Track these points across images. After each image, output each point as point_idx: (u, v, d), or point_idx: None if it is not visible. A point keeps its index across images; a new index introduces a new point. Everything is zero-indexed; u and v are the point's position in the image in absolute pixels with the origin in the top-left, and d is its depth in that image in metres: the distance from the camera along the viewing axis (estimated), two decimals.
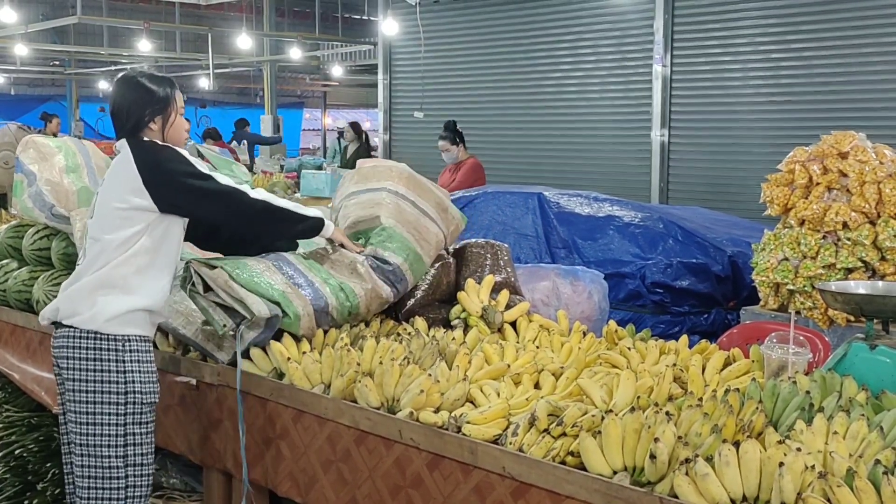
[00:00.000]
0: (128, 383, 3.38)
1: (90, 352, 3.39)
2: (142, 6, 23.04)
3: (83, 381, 3.39)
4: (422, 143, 12.10)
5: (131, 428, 3.40)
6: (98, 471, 3.40)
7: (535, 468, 2.68)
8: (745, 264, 5.49)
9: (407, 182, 4.29)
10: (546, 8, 11.45)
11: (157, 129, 3.56)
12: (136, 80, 3.58)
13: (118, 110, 3.55)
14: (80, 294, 3.46)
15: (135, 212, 3.42)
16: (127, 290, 3.42)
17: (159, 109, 3.55)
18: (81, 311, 3.41)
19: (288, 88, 30.84)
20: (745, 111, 9.71)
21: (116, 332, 3.39)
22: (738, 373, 3.25)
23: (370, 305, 3.88)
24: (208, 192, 3.49)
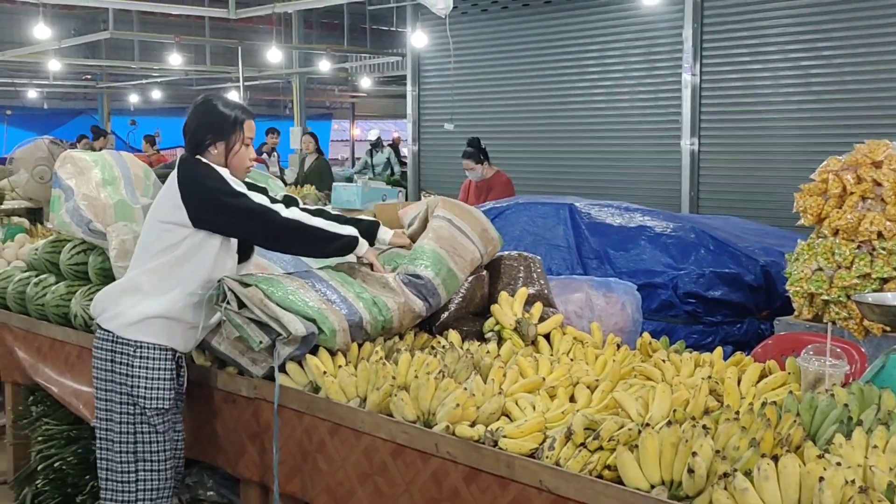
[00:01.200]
0: (133, 387, 3.61)
1: (107, 352, 3.66)
2: (172, 20, 23.23)
3: (99, 379, 3.70)
4: (451, 154, 12.11)
5: (140, 427, 3.63)
6: (111, 463, 3.67)
7: (573, 482, 2.69)
8: (777, 274, 5.46)
9: (444, 203, 4.31)
10: (574, 18, 11.46)
11: (217, 154, 3.71)
12: (209, 104, 3.75)
13: (186, 129, 3.75)
14: (110, 293, 3.75)
15: (173, 225, 3.62)
16: (148, 296, 3.63)
17: (221, 136, 3.70)
18: (107, 310, 3.70)
19: (317, 100, 30.98)
20: (775, 119, 9.66)
21: (130, 337, 3.61)
22: (775, 385, 3.24)
23: (403, 319, 3.90)
24: (240, 210, 3.59)
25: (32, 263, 5.27)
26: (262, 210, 3.62)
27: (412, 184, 13.51)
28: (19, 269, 5.46)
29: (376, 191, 10.13)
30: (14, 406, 5.39)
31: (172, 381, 3.69)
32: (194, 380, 4.01)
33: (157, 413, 3.64)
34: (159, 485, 3.69)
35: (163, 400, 3.64)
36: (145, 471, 3.65)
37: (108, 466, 3.69)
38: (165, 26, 22.36)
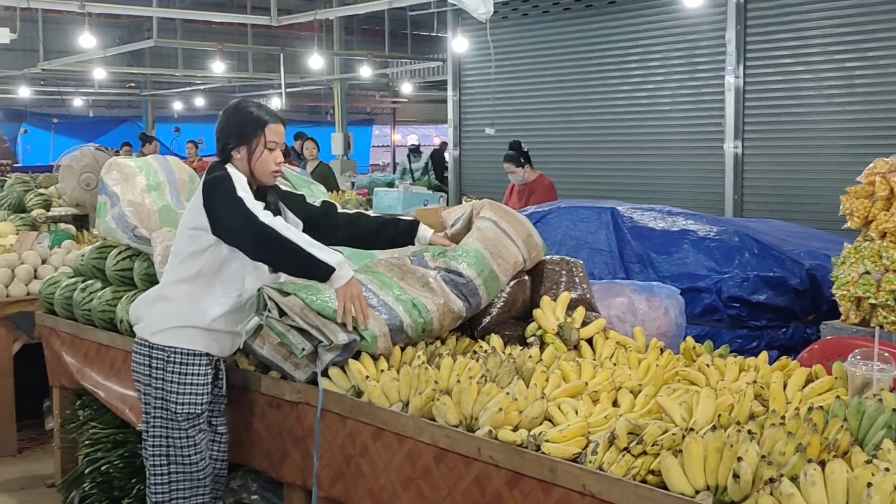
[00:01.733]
0: (166, 392, 3.71)
1: (144, 358, 3.76)
2: (215, 28, 23.45)
3: (139, 383, 3.81)
4: (492, 159, 12.11)
5: (171, 431, 3.73)
6: (148, 463, 3.80)
7: (616, 487, 2.67)
8: (823, 277, 5.39)
9: (491, 206, 4.31)
10: (615, 21, 11.42)
11: (240, 159, 3.71)
12: (233, 109, 3.77)
13: (216, 132, 3.76)
14: (144, 301, 3.87)
15: (198, 231, 3.66)
16: (179, 304, 3.71)
17: (243, 140, 3.69)
18: (142, 318, 3.82)
19: (358, 105, 31.13)
20: (819, 121, 9.55)
21: (163, 343, 3.70)
22: (821, 390, 3.21)
23: (443, 321, 3.90)
24: (230, 213, 3.55)
25: (79, 269, 5.34)
26: (245, 213, 3.52)
27: (453, 188, 13.52)
28: (66, 275, 5.54)
29: (417, 195, 10.16)
30: (62, 410, 5.47)
31: (206, 385, 3.76)
32: (238, 384, 4.05)
33: (188, 418, 3.72)
34: (192, 485, 3.79)
35: (194, 405, 3.71)
36: (178, 472, 3.77)
37: (147, 466, 3.83)
38: (208, 34, 22.57)
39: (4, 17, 10.92)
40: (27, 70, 19.46)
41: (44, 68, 17.64)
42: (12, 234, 7.54)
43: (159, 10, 16.11)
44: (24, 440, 6.50)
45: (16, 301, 6.26)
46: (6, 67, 20.88)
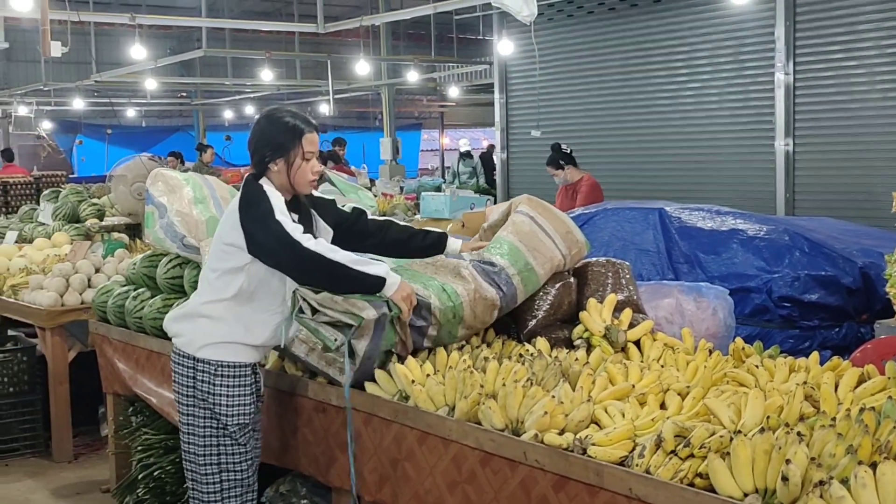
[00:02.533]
0: (215, 405, 3.67)
1: (187, 370, 3.72)
2: (263, 36, 23.69)
3: (181, 395, 3.75)
4: (540, 161, 12.06)
5: (223, 440, 3.71)
6: (196, 475, 3.75)
7: (663, 490, 2.65)
8: (877, 276, 5.29)
9: (529, 201, 4.30)
10: (660, 20, 11.33)
11: (278, 171, 3.68)
12: (266, 120, 3.74)
13: (249, 144, 3.72)
14: (183, 316, 3.81)
15: (233, 248, 3.62)
16: (223, 322, 3.66)
17: (280, 153, 3.65)
18: (183, 333, 3.75)
19: (405, 110, 31.24)
20: (872, 116, 9.39)
21: (210, 357, 3.66)
22: (874, 390, 3.14)
23: (475, 308, 3.87)
24: (269, 237, 3.52)
25: (131, 278, 5.42)
26: (288, 240, 3.50)
27: (501, 191, 13.50)
28: (119, 284, 5.62)
29: (464, 199, 10.12)
30: (115, 416, 5.55)
31: (254, 395, 3.75)
32: (286, 389, 4.08)
33: (239, 427, 3.71)
34: (244, 490, 3.78)
35: (244, 415, 3.71)
36: (230, 480, 3.74)
37: (193, 478, 3.77)
38: (256, 42, 22.83)
39: (57, 31, 11.09)
40: (80, 82, 19.80)
41: (97, 80, 17.92)
42: (67, 243, 7.67)
43: (208, 21, 16.32)
44: (80, 446, 6.60)
45: (70, 310, 6.36)
46: (60, 80, 21.27)
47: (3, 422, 6.47)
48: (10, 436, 6.51)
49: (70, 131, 28.42)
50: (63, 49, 9.91)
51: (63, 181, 12.78)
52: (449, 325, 3.82)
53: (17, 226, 8.77)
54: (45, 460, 6.44)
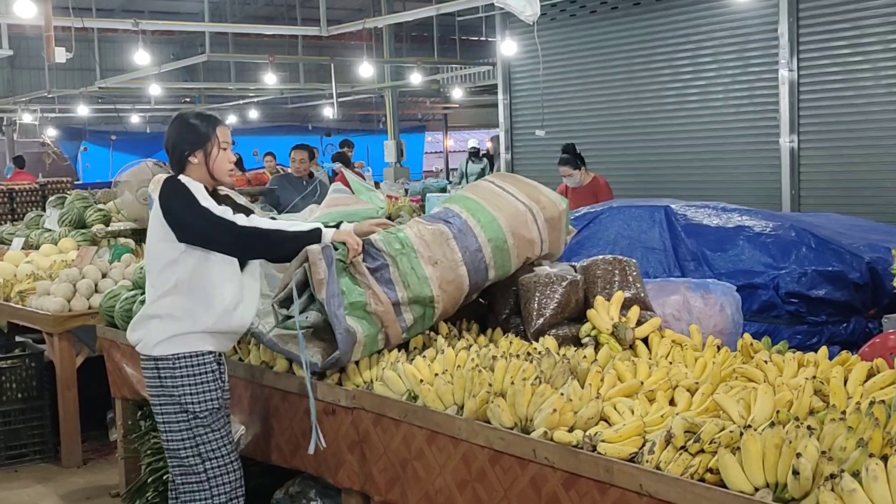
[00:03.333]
0: (182, 396, 3.81)
1: (151, 371, 3.87)
2: (266, 40, 23.73)
3: (152, 396, 3.92)
4: (543, 162, 12.09)
5: (197, 430, 3.84)
6: (182, 468, 3.90)
7: (674, 486, 2.64)
8: (885, 270, 5.28)
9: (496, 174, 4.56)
10: (664, 18, 11.32)
11: (198, 163, 3.90)
12: (181, 119, 3.98)
13: (166, 147, 3.98)
14: (137, 323, 3.96)
15: (165, 244, 3.82)
16: (173, 319, 3.81)
17: (198, 144, 3.88)
18: (141, 338, 3.90)
19: (409, 112, 31.25)
20: (877, 112, 9.37)
21: (167, 353, 3.81)
22: (883, 384, 3.13)
23: (423, 237, 3.97)
24: (204, 222, 3.76)
25: (138, 282, 5.42)
26: (222, 221, 3.76)
27: None
28: (125, 288, 5.62)
29: None
30: (124, 421, 5.55)
31: (217, 381, 3.89)
32: (295, 391, 4.08)
33: (210, 413, 3.85)
34: (230, 478, 3.91)
35: (211, 401, 3.85)
36: (214, 468, 3.87)
37: (181, 472, 3.90)
38: (259, 47, 22.84)
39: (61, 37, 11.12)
40: (84, 89, 19.84)
41: (101, 86, 17.96)
42: (73, 249, 7.68)
43: (211, 25, 16.34)
44: (89, 451, 6.61)
45: (77, 315, 6.37)
46: (64, 87, 21.32)
47: (11, 428, 6.47)
48: (19, 442, 6.51)
49: (75, 138, 28.45)
50: (67, 55, 9.93)
51: (68, 187, 12.80)
52: (394, 252, 3.91)
53: (24, 232, 8.79)
54: (54, 466, 6.45)
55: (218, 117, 4.01)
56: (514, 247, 4.15)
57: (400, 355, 3.91)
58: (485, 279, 4.13)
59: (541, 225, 4.26)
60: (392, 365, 3.78)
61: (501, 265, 4.14)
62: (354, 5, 22.42)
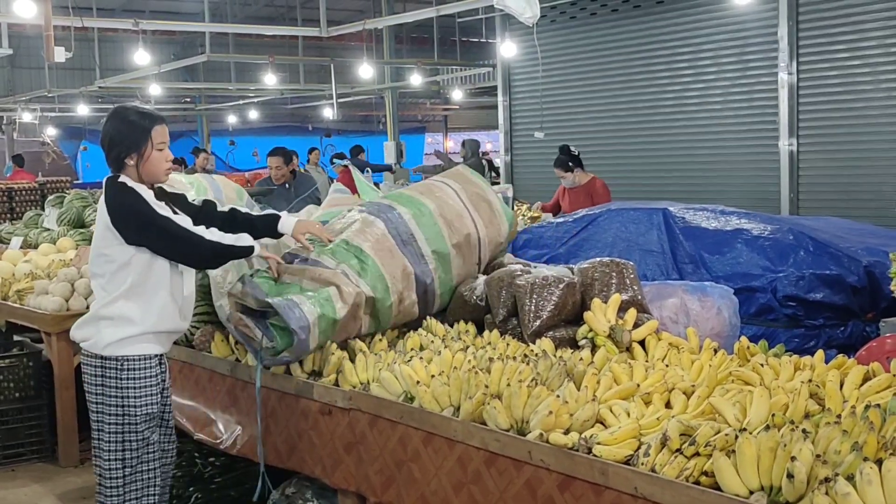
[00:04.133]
0: (123, 398, 3.82)
1: (95, 370, 3.86)
2: (266, 41, 23.74)
3: (91, 394, 3.90)
4: (543, 163, 12.09)
5: (128, 436, 3.84)
6: (101, 469, 3.90)
7: (669, 488, 2.65)
8: (882, 274, 5.27)
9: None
10: (664, 21, 11.33)
11: (133, 165, 3.86)
12: (118, 117, 3.92)
13: (102, 143, 3.93)
14: (88, 322, 3.92)
15: (114, 248, 3.81)
16: (124, 320, 3.82)
17: (133, 147, 3.84)
18: (89, 337, 3.88)
19: (409, 114, 31.27)
20: (876, 115, 9.38)
21: (115, 355, 3.82)
22: (879, 388, 3.14)
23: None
24: (164, 233, 3.80)
25: None
26: (184, 234, 3.83)
27: None
28: None
29: None
30: None
31: (160, 384, 3.93)
32: (291, 392, 4.08)
33: (146, 420, 3.86)
34: (144, 484, 3.91)
35: (151, 405, 3.87)
36: (132, 475, 3.87)
37: (100, 473, 3.91)
38: (260, 47, 22.87)
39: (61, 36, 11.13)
40: (84, 88, 19.85)
41: (101, 86, 17.97)
42: (72, 248, 7.68)
43: (212, 26, 16.34)
44: (87, 451, 6.57)
45: (76, 314, 6.33)
46: (64, 86, 21.32)
47: (9, 427, 6.47)
48: (17, 441, 6.51)
49: (74, 137, 28.45)
50: (67, 54, 9.93)
51: (67, 187, 12.79)
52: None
53: (22, 231, 8.79)
54: (51, 465, 6.44)
55: (156, 117, 3.95)
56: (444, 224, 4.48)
57: (397, 356, 3.92)
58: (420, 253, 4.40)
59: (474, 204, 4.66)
60: (389, 366, 3.78)
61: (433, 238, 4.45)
62: (355, 6, 22.42)
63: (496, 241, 4.69)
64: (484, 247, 4.61)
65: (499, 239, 4.71)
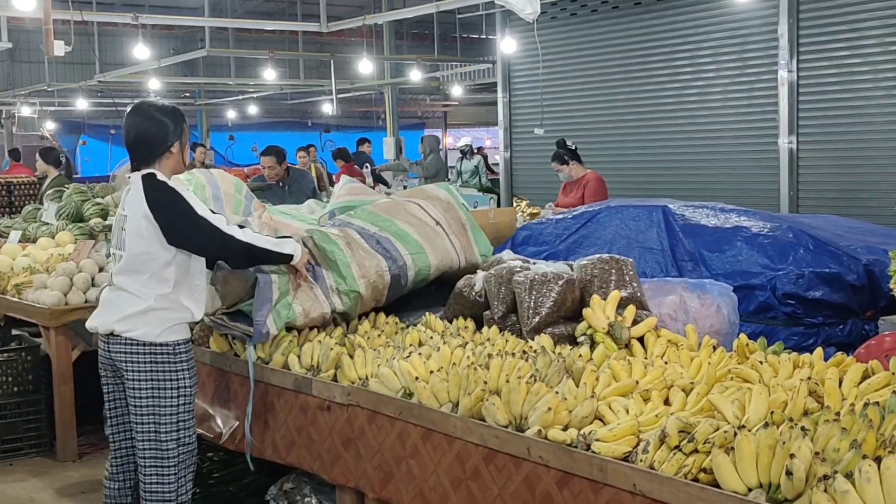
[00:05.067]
0: (179, 381, 3.94)
1: (144, 357, 3.91)
2: (266, 36, 23.71)
3: (140, 382, 3.93)
4: (543, 160, 12.07)
5: (182, 415, 3.95)
6: (157, 452, 3.95)
7: (667, 485, 2.65)
8: (881, 273, 5.28)
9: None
10: (664, 18, 11.32)
11: (177, 152, 4.00)
12: (153, 109, 4.03)
13: (130, 139, 3.99)
14: (135, 316, 3.92)
15: (158, 248, 3.87)
16: (172, 310, 3.94)
17: (179, 135, 4.00)
18: (137, 327, 3.91)
19: (409, 110, 31.24)
20: (876, 114, 9.37)
21: (167, 340, 3.92)
22: (878, 386, 3.14)
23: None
24: (210, 234, 3.94)
25: None
26: (222, 236, 3.98)
27: (504, 190, 13.50)
28: None
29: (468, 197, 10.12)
30: None
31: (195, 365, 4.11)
32: (291, 387, 4.08)
33: (193, 396, 4.03)
34: (192, 456, 4.04)
35: (196, 384, 4.07)
36: (185, 453, 3.98)
37: (154, 455, 3.93)
38: (260, 42, 22.85)
39: (60, 30, 11.10)
40: (84, 82, 19.82)
41: (100, 80, 17.93)
42: (70, 243, 7.67)
43: (212, 20, 16.33)
44: (85, 445, 6.60)
45: (74, 309, 6.35)
46: (64, 81, 21.30)
47: (7, 421, 6.47)
48: (15, 435, 6.50)
49: (74, 131, 28.41)
50: (66, 48, 9.90)
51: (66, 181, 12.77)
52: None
53: (21, 225, 8.77)
54: (49, 460, 6.44)
55: (179, 109, 4.15)
56: None
57: (396, 352, 3.92)
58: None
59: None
60: (387, 362, 3.78)
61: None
62: (355, 2, 22.39)
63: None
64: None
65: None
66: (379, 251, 4.67)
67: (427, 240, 4.84)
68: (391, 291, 4.67)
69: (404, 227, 4.86)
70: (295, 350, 4.21)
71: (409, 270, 4.71)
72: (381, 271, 4.61)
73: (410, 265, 4.71)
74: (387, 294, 4.66)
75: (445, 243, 4.90)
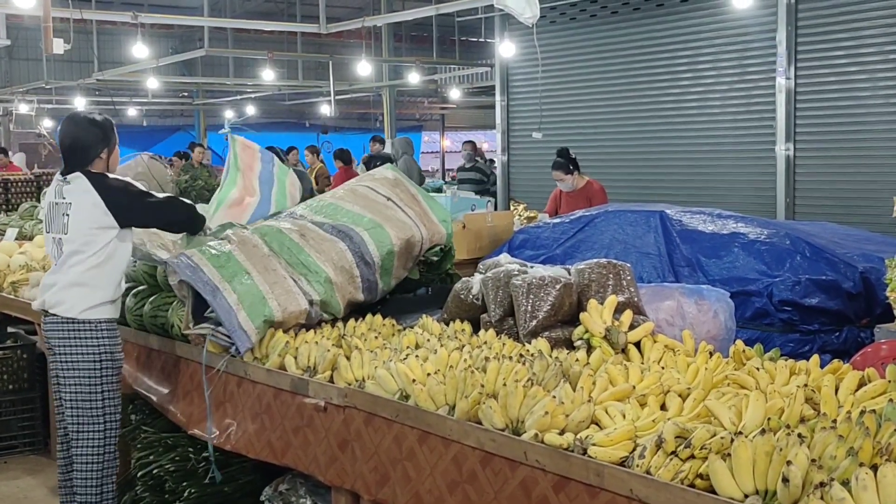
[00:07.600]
0: (101, 355, 4.42)
1: (67, 332, 4.42)
2: (265, 37, 23.69)
3: (64, 356, 4.43)
4: (540, 163, 12.08)
5: (105, 387, 4.44)
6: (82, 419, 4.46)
7: (664, 491, 2.65)
8: (877, 280, 5.29)
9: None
10: (664, 24, 11.33)
11: (103, 160, 4.54)
12: (86, 121, 4.57)
13: (65, 144, 4.53)
14: (63, 289, 4.44)
15: (103, 229, 4.42)
16: (96, 288, 4.43)
17: (107, 144, 4.55)
18: (64, 301, 4.43)
19: (407, 112, 31.24)
20: (874, 122, 9.39)
21: (90, 317, 4.42)
22: (874, 393, 3.14)
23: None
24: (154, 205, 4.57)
25: (131, 275, 5.40)
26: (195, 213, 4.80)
27: (502, 193, 13.50)
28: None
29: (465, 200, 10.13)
30: None
31: (120, 343, 4.59)
32: (287, 388, 4.08)
33: (119, 369, 4.53)
34: (117, 430, 4.54)
35: (121, 360, 4.55)
36: (110, 430, 4.49)
37: (78, 429, 4.44)
38: (258, 43, 22.84)
39: (59, 28, 11.09)
40: (82, 81, 19.80)
41: (98, 79, 17.92)
42: None
43: (210, 20, 16.31)
44: None
45: None
46: (62, 78, 21.27)
47: (2, 419, 6.46)
48: (9, 433, 6.50)
49: None
50: (65, 46, 9.89)
51: None
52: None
53: (18, 223, 8.77)
54: (43, 458, 6.44)
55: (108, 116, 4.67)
56: None
57: (393, 354, 3.92)
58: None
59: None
60: (384, 364, 3.78)
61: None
62: (354, 4, 22.41)
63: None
64: None
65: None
66: (333, 234, 4.83)
67: (379, 214, 4.99)
68: (362, 270, 4.76)
69: (353, 208, 5.02)
70: (292, 351, 4.21)
71: (368, 245, 4.81)
72: (341, 251, 4.74)
73: (368, 240, 4.82)
74: (360, 275, 4.74)
75: (399, 215, 5.04)
